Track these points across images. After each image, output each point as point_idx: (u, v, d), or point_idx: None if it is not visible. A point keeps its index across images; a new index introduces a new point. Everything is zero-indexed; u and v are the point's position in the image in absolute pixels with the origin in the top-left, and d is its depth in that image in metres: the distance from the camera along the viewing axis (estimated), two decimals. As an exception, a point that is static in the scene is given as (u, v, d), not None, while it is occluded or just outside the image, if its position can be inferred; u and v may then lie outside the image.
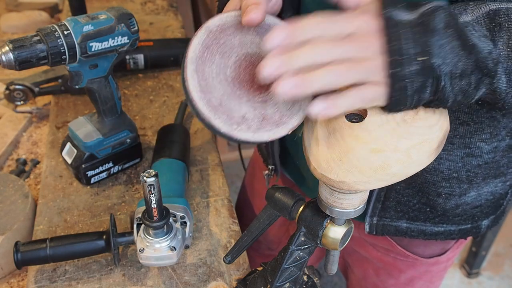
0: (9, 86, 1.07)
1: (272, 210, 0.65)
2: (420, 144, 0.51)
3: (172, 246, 0.74)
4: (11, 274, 0.84)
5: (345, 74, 0.47)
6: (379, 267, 0.93)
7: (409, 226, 0.79)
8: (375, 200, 0.76)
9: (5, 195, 0.88)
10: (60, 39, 0.75)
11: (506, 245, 2.18)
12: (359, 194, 0.55)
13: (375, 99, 0.49)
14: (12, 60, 0.72)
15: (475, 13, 0.50)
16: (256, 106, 0.52)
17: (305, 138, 0.56)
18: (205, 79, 0.50)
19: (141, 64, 1.18)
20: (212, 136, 1.04)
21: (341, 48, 0.46)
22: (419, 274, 0.91)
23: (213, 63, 0.51)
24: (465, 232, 0.81)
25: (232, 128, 0.50)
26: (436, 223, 0.78)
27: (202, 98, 0.49)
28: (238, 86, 0.52)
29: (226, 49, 0.51)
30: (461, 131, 0.66)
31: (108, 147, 0.90)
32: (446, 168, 0.70)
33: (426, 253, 0.87)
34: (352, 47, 0.47)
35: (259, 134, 0.51)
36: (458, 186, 0.72)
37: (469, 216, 0.78)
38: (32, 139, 1.09)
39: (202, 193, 0.92)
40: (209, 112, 0.50)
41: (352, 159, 0.50)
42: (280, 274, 0.64)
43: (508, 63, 0.50)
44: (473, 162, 0.69)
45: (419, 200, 0.75)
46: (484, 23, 0.50)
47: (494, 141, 0.68)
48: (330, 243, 0.60)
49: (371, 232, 0.80)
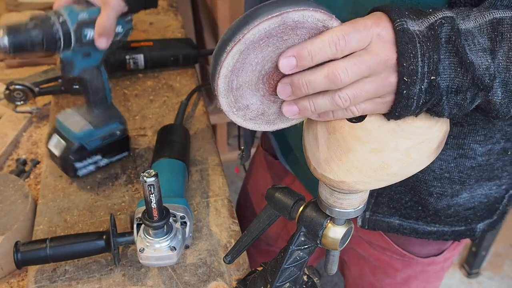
0: (9, 86, 1.07)
1: (272, 210, 0.65)
2: (420, 144, 0.51)
3: (172, 246, 0.74)
4: (11, 274, 0.84)
5: (353, 101, 0.49)
6: (375, 266, 0.93)
7: (401, 223, 0.79)
8: (368, 195, 0.76)
9: (5, 195, 0.88)
10: (55, 26, 0.74)
11: (506, 245, 2.18)
12: (359, 194, 0.55)
13: (377, 111, 0.51)
14: (6, 44, 0.71)
15: (478, 20, 0.50)
16: (264, 102, 0.53)
17: (305, 138, 0.56)
18: (243, 62, 0.48)
19: (141, 64, 1.18)
20: (212, 136, 1.04)
21: (353, 73, 0.47)
22: (415, 274, 0.91)
23: (261, 53, 0.48)
24: (458, 234, 0.80)
25: (231, 110, 0.51)
26: (428, 222, 0.78)
27: (227, 76, 0.48)
28: (264, 81, 0.51)
29: (281, 45, 0.48)
30: (454, 131, 0.66)
31: (98, 138, 0.90)
32: (438, 168, 0.70)
33: (422, 253, 0.87)
34: (366, 67, 0.47)
35: (247, 123, 0.53)
36: (450, 187, 0.72)
37: (462, 218, 0.78)
38: (32, 139, 1.09)
39: (202, 193, 0.92)
40: (223, 89, 0.49)
41: (352, 159, 0.50)
42: (280, 274, 0.64)
43: (506, 74, 0.50)
44: (466, 164, 0.69)
45: (411, 198, 0.75)
46: (486, 31, 0.50)
47: (488, 144, 0.67)
48: (330, 243, 0.60)
49: (363, 226, 0.80)
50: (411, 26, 0.47)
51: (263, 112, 0.53)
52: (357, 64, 0.46)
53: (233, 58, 0.47)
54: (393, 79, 0.48)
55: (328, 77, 0.47)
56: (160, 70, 1.22)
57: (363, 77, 0.47)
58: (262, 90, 0.52)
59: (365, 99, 0.49)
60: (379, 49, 0.47)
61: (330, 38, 0.46)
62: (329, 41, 0.46)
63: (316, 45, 0.47)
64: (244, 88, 0.50)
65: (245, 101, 0.51)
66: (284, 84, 0.50)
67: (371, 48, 0.47)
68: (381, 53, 0.47)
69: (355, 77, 0.47)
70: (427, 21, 0.48)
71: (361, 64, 0.47)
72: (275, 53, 0.49)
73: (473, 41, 0.49)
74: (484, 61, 0.49)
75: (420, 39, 0.47)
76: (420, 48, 0.47)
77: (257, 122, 0.54)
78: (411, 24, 0.47)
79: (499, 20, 0.50)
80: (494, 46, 0.49)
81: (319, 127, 0.54)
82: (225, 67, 0.47)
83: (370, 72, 0.47)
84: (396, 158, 0.50)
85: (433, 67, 0.47)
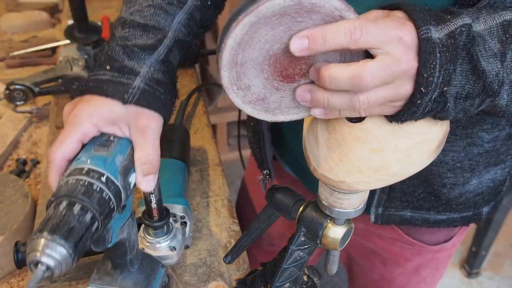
0: (9, 86, 1.07)
1: (272, 210, 0.65)
2: (420, 144, 0.51)
3: (172, 246, 0.74)
4: (11, 274, 0.84)
5: (370, 105, 0.48)
6: (385, 257, 0.93)
7: (413, 215, 0.80)
8: (380, 191, 0.77)
9: (5, 195, 0.88)
10: (104, 192, 0.51)
11: (506, 245, 2.18)
12: (359, 194, 0.55)
13: (383, 113, 0.50)
14: (68, 256, 0.46)
15: (488, 23, 0.49)
16: (267, 86, 0.50)
17: (305, 138, 0.56)
18: (252, 36, 0.46)
19: (141, 64, 1.18)
20: (212, 136, 1.04)
21: (379, 79, 0.45)
22: (425, 262, 0.92)
23: (272, 31, 0.46)
24: (467, 219, 0.82)
25: (231, 88, 0.49)
26: (440, 211, 0.80)
27: (233, 47, 0.46)
28: (270, 63, 0.49)
29: (294, 27, 0.46)
30: (463, 122, 0.67)
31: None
32: (450, 159, 0.71)
33: (432, 240, 0.88)
34: (389, 74, 0.45)
35: (245, 106, 0.51)
36: (462, 176, 0.73)
37: (472, 204, 0.79)
38: (32, 139, 1.09)
39: (202, 193, 0.92)
40: (227, 62, 0.47)
41: (352, 159, 0.50)
42: (280, 274, 0.64)
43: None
44: (474, 151, 0.70)
45: (424, 190, 0.76)
46: (497, 33, 0.49)
47: (495, 131, 0.69)
48: (330, 243, 0.60)
49: (376, 222, 0.81)
50: (434, 33, 0.46)
51: (264, 98, 0.51)
52: (384, 69, 0.45)
53: (243, 30, 0.45)
54: (409, 87, 0.47)
55: (352, 79, 0.45)
56: (160, 70, 1.22)
57: (385, 83, 0.46)
58: (267, 72, 0.50)
59: (380, 104, 0.48)
60: (401, 55, 0.45)
61: (346, 26, 0.44)
62: (345, 28, 0.44)
63: (331, 29, 0.44)
64: (248, 66, 0.48)
65: (247, 80, 0.49)
66: (311, 71, 0.48)
67: (393, 52, 0.45)
68: (404, 61, 0.45)
69: (379, 83, 0.46)
70: (447, 28, 0.47)
71: (386, 70, 0.45)
72: (286, 34, 0.47)
73: (484, 46, 0.48)
74: (495, 67, 0.49)
75: (440, 48, 0.46)
76: (439, 58, 0.46)
77: (256, 108, 0.52)
78: (433, 32, 0.46)
79: (509, 22, 0.49)
80: (504, 48, 0.49)
81: (319, 127, 0.54)
82: (232, 38, 0.45)
83: (392, 79, 0.46)
84: (396, 158, 0.50)
85: (447, 78, 0.47)
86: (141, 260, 0.67)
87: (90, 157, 0.53)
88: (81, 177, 0.50)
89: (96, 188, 0.50)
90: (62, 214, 0.47)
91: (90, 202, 0.49)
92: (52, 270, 0.45)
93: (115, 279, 0.65)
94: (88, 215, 0.49)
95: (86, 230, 0.48)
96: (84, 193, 0.49)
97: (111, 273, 0.66)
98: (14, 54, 1.26)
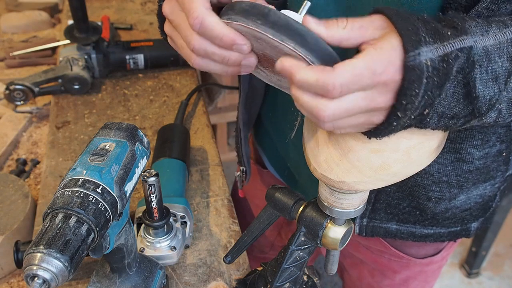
0: (9, 86, 1.07)
1: (272, 210, 0.65)
2: (420, 144, 0.51)
3: (172, 246, 0.74)
4: (11, 274, 0.84)
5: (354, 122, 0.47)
6: (374, 269, 0.93)
7: (399, 228, 0.79)
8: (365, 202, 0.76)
9: (5, 195, 0.88)
10: (100, 203, 0.52)
11: (506, 245, 2.18)
12: (359, 194, 0.55)
13: (359, 129, 0.49)
14: (64, 269, 0.47)
15: (498, 38, 0.47)
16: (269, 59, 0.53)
17: (305, 138, 0.56)
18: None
19: (141, 64, 1.18)
20: (212, 136, 1.04)
21: (366, 104, 0.45)
22: (414, 274, 0.91)
23: (256, 43, 0.50)
24: (454, 235, 0.81)
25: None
26: (426, 225, 0.78)
27: None
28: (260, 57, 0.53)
29: (272, 51, 0.49)
30: (451, 136, 0.66)
31: None
32: (436, 171, 0.69)
33: (420, 254, 0.87)
34: (375, 96, 0.45)
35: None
36: (448, 191, 0.71)
37: (459, 219, 0.78)
38: (32, 139, 1.09)
39: (202, 193, 0.92)
40: None
41: (352, 159, 0.50)
42: (280, 274, 0.64)
43: None
44: (463, 168, 0.69)
45: (409, 204, 0.75)
46: (506, 50, 0.47)
47: (485, 147, 0.67)
48: (330, 243, 0.60)
49: (360, 233, 0.80)
50: (425, 54, 0.43)
51: (264, 55, 0.53)
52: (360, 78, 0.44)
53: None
54: (386, 110, 0.46)
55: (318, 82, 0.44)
56: (160, 70, 1.22)
57: (361, 90, 0.45)
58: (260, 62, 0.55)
59: (353, 114, 0.46)
60: (388, 79, 0.44)
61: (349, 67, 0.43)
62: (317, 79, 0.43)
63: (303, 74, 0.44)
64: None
65: None
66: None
67: (384, 80, 0.44)
68: (389, 84, 0.44)
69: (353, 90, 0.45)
70: (443, 49, 0.44)
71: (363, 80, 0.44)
72: (273, 49, 0.49)
73: (487, 68, 0.46)
74: (491, 91, 0.47)
75: (429, 73, 0.43)
76: (425, 85, 0.44)
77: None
78: (424, 52, 0.43)
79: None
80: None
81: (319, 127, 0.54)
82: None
83: (377, 97, 0.45)
84: (396, 158, 0.50)
85: (430, 101, 0.45)
86: (139, 262, 0.68)
87: (86, 167, 0.53)
88: (76, 188, 0.51)
89: (91, 199, 0.51)
90: (58, 227, 0.48)
91: (86, 214, 0.50)
92: (48, 283, 0.46)
93: (114, 282, 0.66)
94: (84, 227, 0.50)
95: (82, 242, 0.49)
96: (80, 205, 0.50)
97: (110, 276, 0.66)
98: (14, 54, 1.26)
